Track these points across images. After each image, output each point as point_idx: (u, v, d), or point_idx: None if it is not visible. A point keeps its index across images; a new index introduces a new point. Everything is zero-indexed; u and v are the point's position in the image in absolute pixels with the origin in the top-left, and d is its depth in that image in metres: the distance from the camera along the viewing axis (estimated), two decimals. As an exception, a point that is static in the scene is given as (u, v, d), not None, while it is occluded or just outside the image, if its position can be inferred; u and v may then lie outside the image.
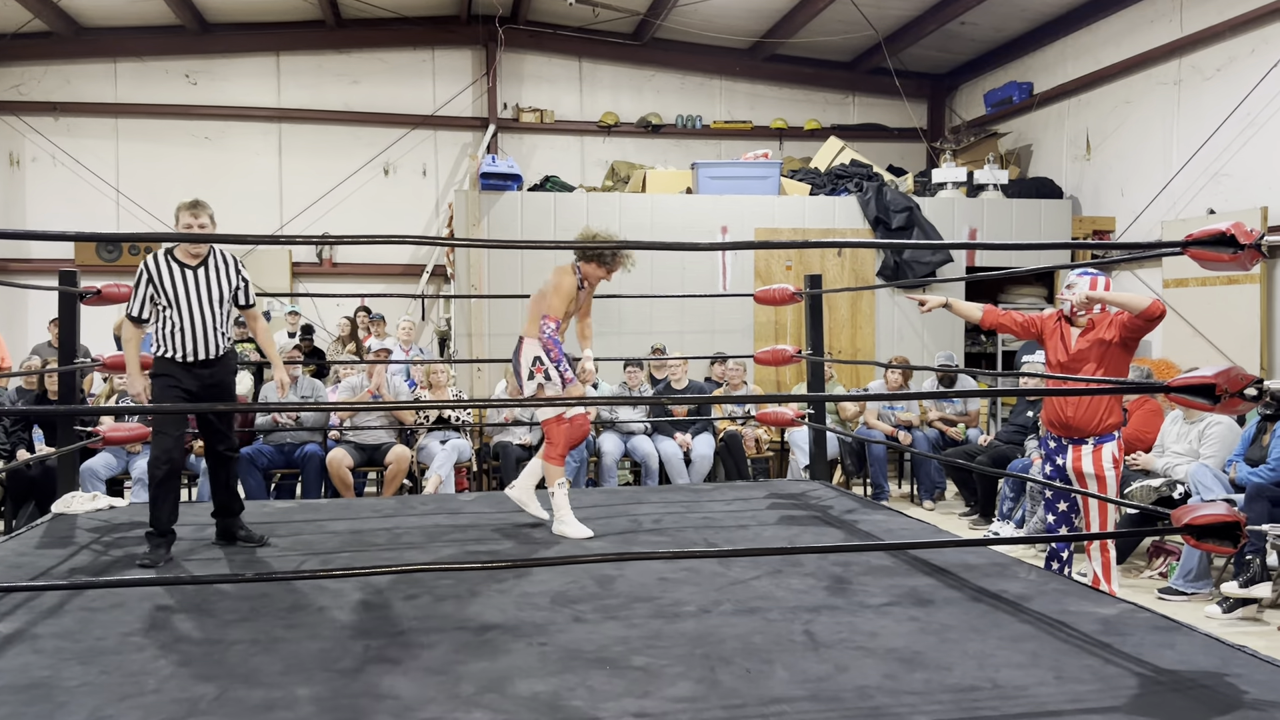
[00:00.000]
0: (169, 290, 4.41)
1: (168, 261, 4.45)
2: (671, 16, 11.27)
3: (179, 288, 4.43)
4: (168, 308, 4.43)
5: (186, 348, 4.44)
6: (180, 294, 4.43)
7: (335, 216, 11.85)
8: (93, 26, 11.21)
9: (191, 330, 4.44)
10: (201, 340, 4.47)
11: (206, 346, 4.48)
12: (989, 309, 5.05)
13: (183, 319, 4.43)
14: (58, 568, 4.26)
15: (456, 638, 3.29)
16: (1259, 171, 8.31)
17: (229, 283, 4.57)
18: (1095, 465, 4.58)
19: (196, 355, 4.47)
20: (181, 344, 4.44)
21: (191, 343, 4.45)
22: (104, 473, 6.85)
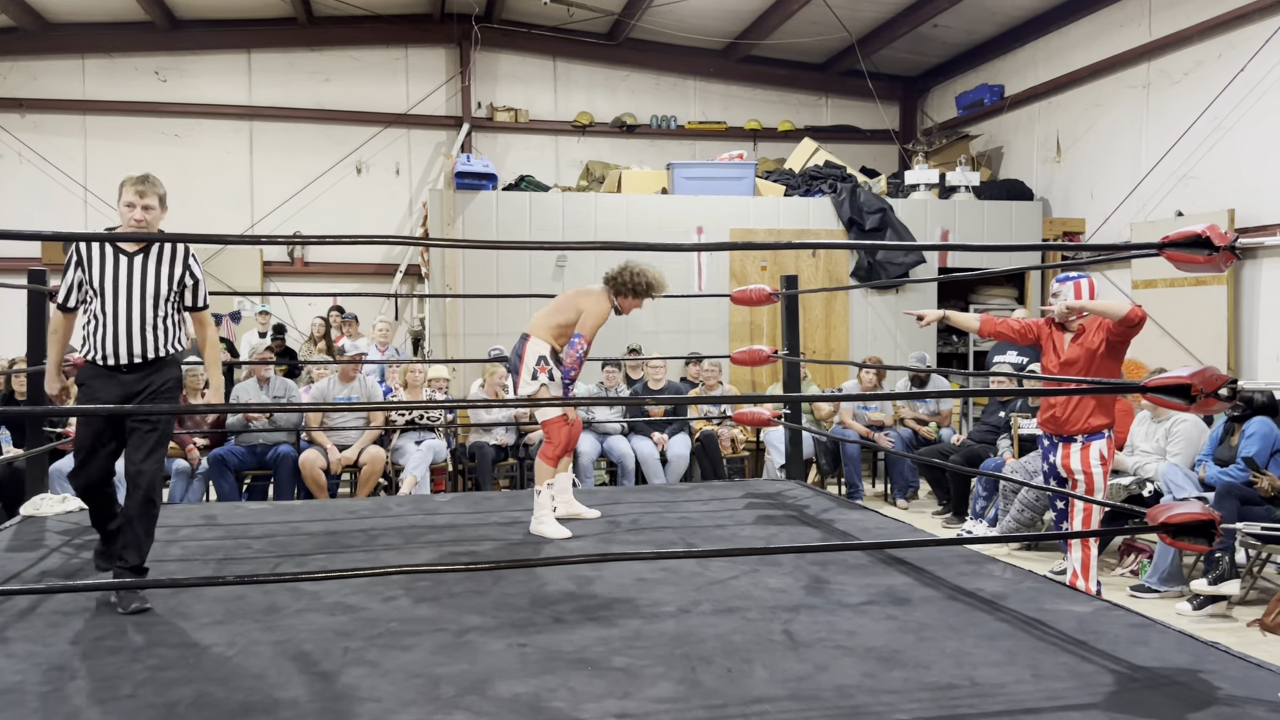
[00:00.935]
0: (97, 277, 3.78)
1: (102, 244, 3.85)
2: (646, 17, 11.28)
3: (108, 275, 3.78)
4: (94, 298, 3.80)
5: (107, 348, 3.78)
6: (109, 283, 3.78)
7: (307, 215, 11.76)
8: (60, 22, 11.06)
9: (114, 327, 3.77)
10: (125, 340, 3.79)
11: (131, 347, 3.80)
12: (986, 318, 5.19)
13: (106, 313, 3.78)
14: (28, 571, 4.19)
15: (435, 639, 3.28)
16: (1226, 174, 8.43)
17: (172, 277, 3.88)
18: (1082, 462, 4.72)
19: (119, 358, 3.80)
20: (102, 343, 3.78)
21: (113, 342, 3.78)
22: (73, 474, 6.74)
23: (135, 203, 3.80)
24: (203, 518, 5.32)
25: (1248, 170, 8.20)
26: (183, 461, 7.19)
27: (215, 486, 7.15)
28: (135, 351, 3.82)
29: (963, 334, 10.76)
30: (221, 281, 11.26)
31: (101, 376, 3.83)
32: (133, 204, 3.79)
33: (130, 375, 3.84)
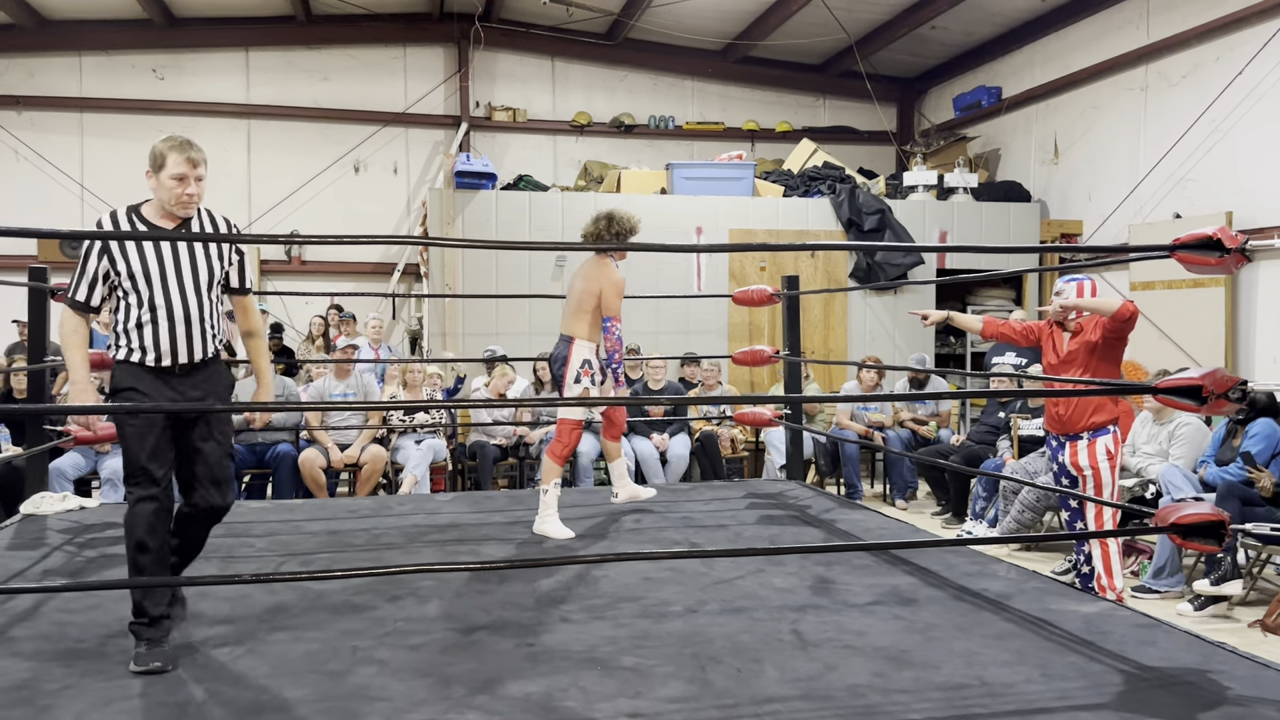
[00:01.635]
0: (135, 264, 3.15)
1: (132, 221, 3.21)
2: (644, 17, 11.28)
3: (150, 262, 3.17)
4: (131, 291, 3.17)
5: (162, 346, 3.18)
6: (153, 270, 3.17)
7: (304, 214, 11.73)
8: (57, 19, 11.02)
9: (168, 321, 3.18)
10: (184, 336, 3.21)
11: (190, 345, 3.22)
12: (989, 320, 5.25)
13: (158, 306, 3.17)
14: (30, 569, 4.18)
15: (444, 639, 3.27)
16: (1223, 177, 8.45)
17: (220, 256, 3.32)
18: (1090, 458, 4.76)
19: (175, 357, 3.21)
20: (155, 341, 3.18)
21: (168, 339, 3.18)
22: (72, 473, 6.73)
23: (188, 174, 3.16)
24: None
25: (1245, 173, 8.23)
26: (182, 460, 7.17)
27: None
28: (194, 349, 3.24)
29: (961, 334, 10.79)
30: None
31: (148, 380, 3.21)
32: (184, 176, 3.15)
33: (183, 379, 3.25)
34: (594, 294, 4.93)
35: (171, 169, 3.14)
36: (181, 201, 3.19)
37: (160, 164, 3.16)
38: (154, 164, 3.17)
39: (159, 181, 3.18)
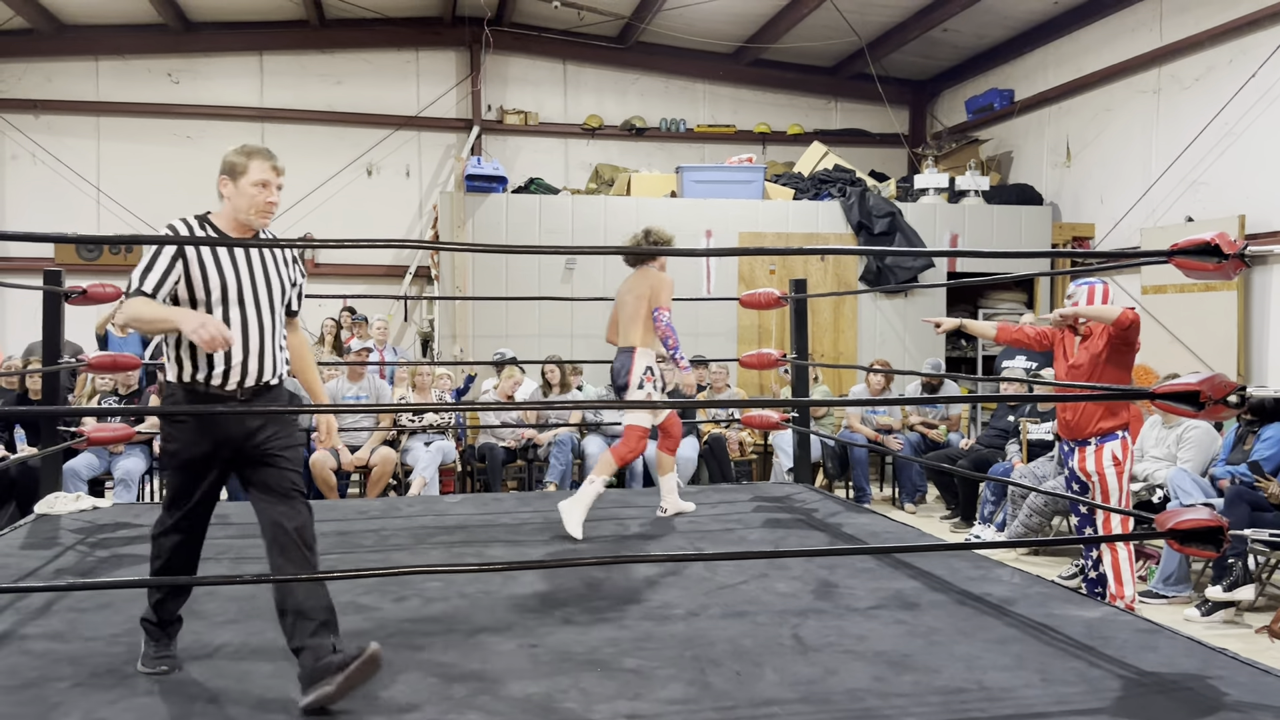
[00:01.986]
0: (211, 276, 2.94)
1: (205, 229, 3.03)
2: (656, 20, 11.31)
3: (225, 273, 2.97)
4: (201, 304, 2.94)
5: (233, 363, 2.96)
6: (229, 282, 2.97)
7: (318, 217, 11.79)
8: (74, 24, 11.13)
9: (243, 340, 2.97)
10: (256, 356, 3.00)
11: (261, 366, 3.01)
12: (1003, 326, 5.35)
13: (231, 323, 2.96)
14: (43, 569, 4.24)
15: (447, 640, 3.31)
16: (1236, 180, 8.42)
17: (288, 271, 3.14)
18: (1096, 464, 4.79)
19: (244, 379, 2.99)
20: (225, 359, 2.95)
21: (241, 358, 2.97)
22: (85, 473, 6.80)
23: (271, 181, 3.02)
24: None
25: (1258, 176, 8.18)
26: (194, 461, 7.23)
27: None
28: (264, 371, 3.03)
29: (971, 339, 10.76)
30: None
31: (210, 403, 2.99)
32: (267, 183, 3.01)
33: (245, 403, 3.02)
34: (647, 300, 5.10)
35: (254, 175, 3.00)
36: (262, 210, 3.02)
37: (241, 170, 3.00)
38: (232, 171, 3.01)
39: (237, 189, 3.01)
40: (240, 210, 3.03)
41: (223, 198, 3.07)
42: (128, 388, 7.31)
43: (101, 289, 5.28)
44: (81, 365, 5.73)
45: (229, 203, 3.05)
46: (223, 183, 3.05)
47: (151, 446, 7.28)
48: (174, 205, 11.30)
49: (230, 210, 3.06)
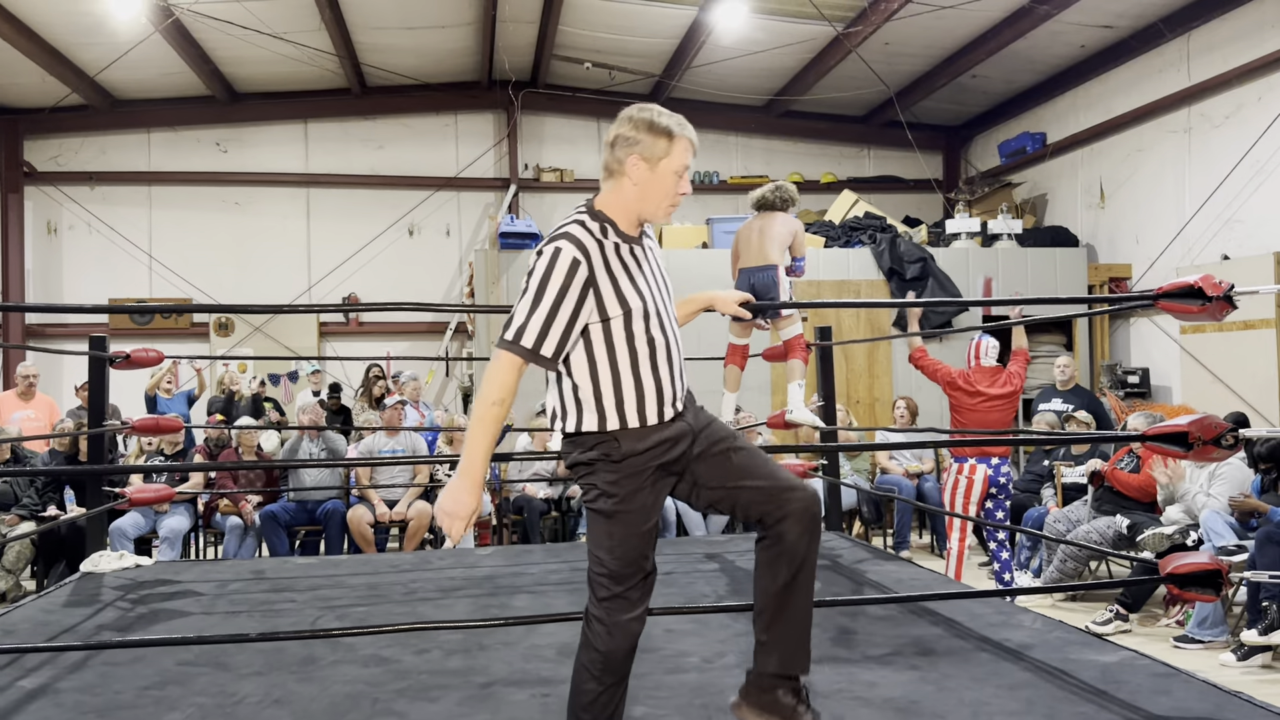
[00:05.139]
0: (627, 288, 2.42)
1: (606, 231, 2.44)
2: (685, 77, 11.54)
3: (639, 282, 2.46)
4: (622, 330, 2.42)
5: (674, 388, 2.50)
6: (644, 291, 2.46)
7: (362, 277, 12.11)
8: (128, 99, 11.64)
9: (667, 356, 2.49)
10: (680, 371, 2.54)
11: (683, 381, 2.56)
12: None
13: (654, 338, 2.46)
14: (83, 625, 4.38)
15: (462, 691, 3.37)
16: (1270, 217, 8.34)
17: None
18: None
19: (677, 402, 2.51)
20: (660, 384, 2.46)
21: (670, 378, 2.48)
22: (132, 532, 7.00)
23: (688, 169, 2.48)
24: (251, 572, 5.50)
25: (1293, 212, 8.12)
26: (236, 519, 7.41)
27: (267, 542, 7.36)
28: (684, 387, 2.57)
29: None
30: (280, 343, 11.62)
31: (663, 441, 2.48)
32: (685, 171, 2.47)
33: (683, 425, 2.54)
34: (791, 232, 5.52)
35: (677, 159, 2.42)
36: (675, 205, 2.49)
37: (662, 153, 2.41)
38: (650, 151, 2.40)
39: (654, 174, 2.42)
40: (649, 201, 2.45)
41: (619, 180, 2.46)
42: (174, 446, 7.53)
43: (145, 354, 5.48)
44: (125, 427, 5.93)
45: (636, 189, 2.44)
46: (632, 163, 2.42)
47: (195, 505, 7.49)
48: (223, 270, 11.74)
49: (635, 199, 2.45)
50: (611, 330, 2.41)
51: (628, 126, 2.43)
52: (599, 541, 2.47)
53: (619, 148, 2.44)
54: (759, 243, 5.50)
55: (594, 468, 2.47)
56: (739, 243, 5.65)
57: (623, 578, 2.46)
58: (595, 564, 2.50)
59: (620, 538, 2.44)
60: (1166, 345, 9.55)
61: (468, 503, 2.40)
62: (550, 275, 2.35)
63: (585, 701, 2.49)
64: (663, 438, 2.46)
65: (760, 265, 5.49)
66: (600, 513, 2.47)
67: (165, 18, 9.31)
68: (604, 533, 2.45)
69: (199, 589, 5.00)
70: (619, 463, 2.43)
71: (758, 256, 5.51)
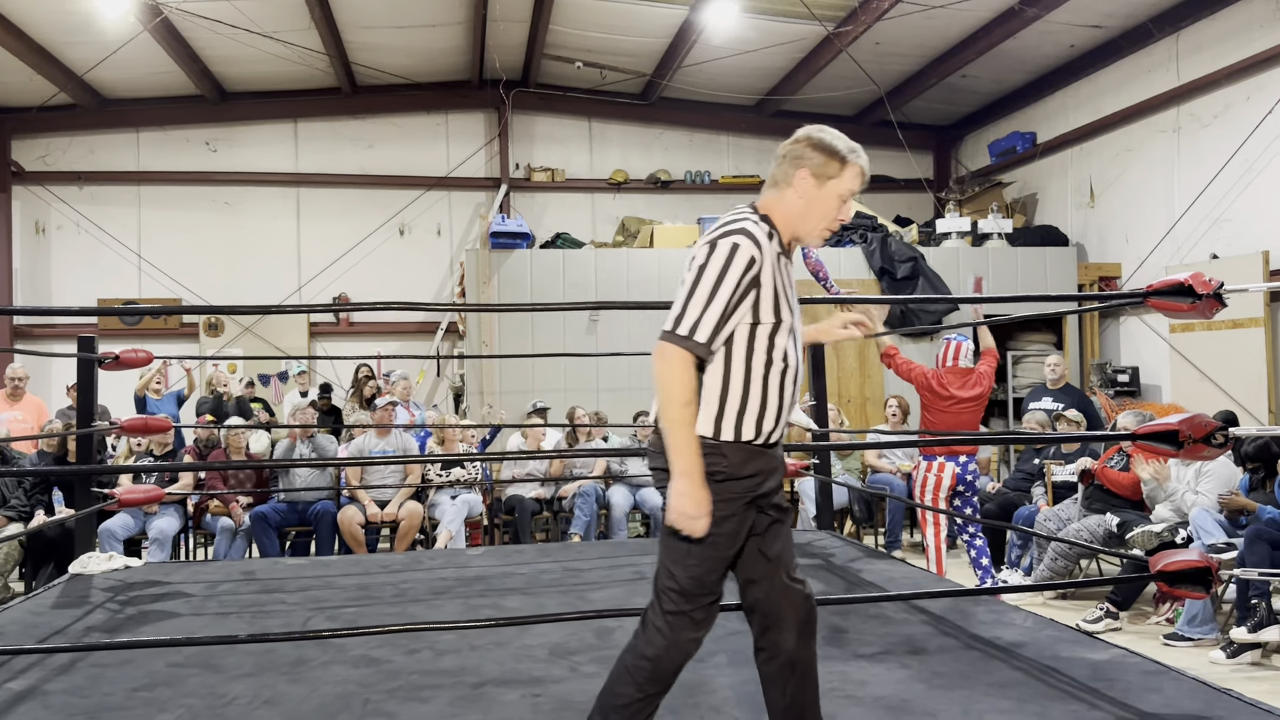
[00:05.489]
0: (784, 292, 2.40)
1: (771, 236, 2.41)
2: (677, 77, 11.53)
3: (791, 296, 2.43)
4: (766, 336, 2.37)
5: (787, 413, 2.46)
6: (795, 309, 2.44)
7: (352, 277, 12.08)
8: (116, 98, 11.58)
9: (795, 379, 2.46)
10: (795, 400, 2.50)
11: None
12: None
13: (788, 356, 2.42)
14: (71, 627, 4.36)
15: (453, 691, 3.36)
16: (1259, 216, 8.38)
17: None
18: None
19: (782, 427, 2.47)
20: (781, 404, 2.42)
21: (790, 401, 2.46)
22: (121, 533, 6.97)
23: (855, 194, 2.49)
24: (242, 573, 5.48)
25: (1281, 211, 8.15)
26: (226, 519, 7.39)
27: (258, 543, 7.33)
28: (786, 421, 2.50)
29: (1002, 379, 10.70)
30: (270, 343, 11.59)
31: (769, 459, 2.45)
32: (851, 194, 2.47)
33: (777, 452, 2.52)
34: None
35: (846, 184, 2.43)
36: (830, 230, 2.49)
37: (833, 173, 2.41)
38: (823, 170, 2.41)
39: (821, 193, 2.42)
40: (810, 218, 2.45)
41: (784, 192, 2.46)
42: (163, 447, 7.50)
43: (134, 354, 5.45)
44: (114, 428, 5.90)
45: (801, 204, 2.44)
46: (801, 177, 2.43)
47: (185, 506, 7.46)
48: (212, 270, 11.70)
49: (797, 214, 2.45)
50: (757, 336, 2.37)
51: (803, 143, 2.45)
52: (677, 558, 2.40)
53: (790, 160, 2.45)
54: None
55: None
56: None
57: (693, 597, 2.42)
58: (666, 577, 2.44)
59: (699, 559, 2.39)
60: (1156, 344, 9.58)
61: (704, 498, 2.32)
62: (728, 270, 2.31)
63: (619, 704, 2.46)
64: (761, 467, 2.42)
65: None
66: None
67: (154, 16, 9.27)
68: (684, 550, 2.39)
69: (189, 590, 4.98)
70: (720, 484, 2.36)
71: None
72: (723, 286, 2.30)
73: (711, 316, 2.30)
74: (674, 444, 2.32)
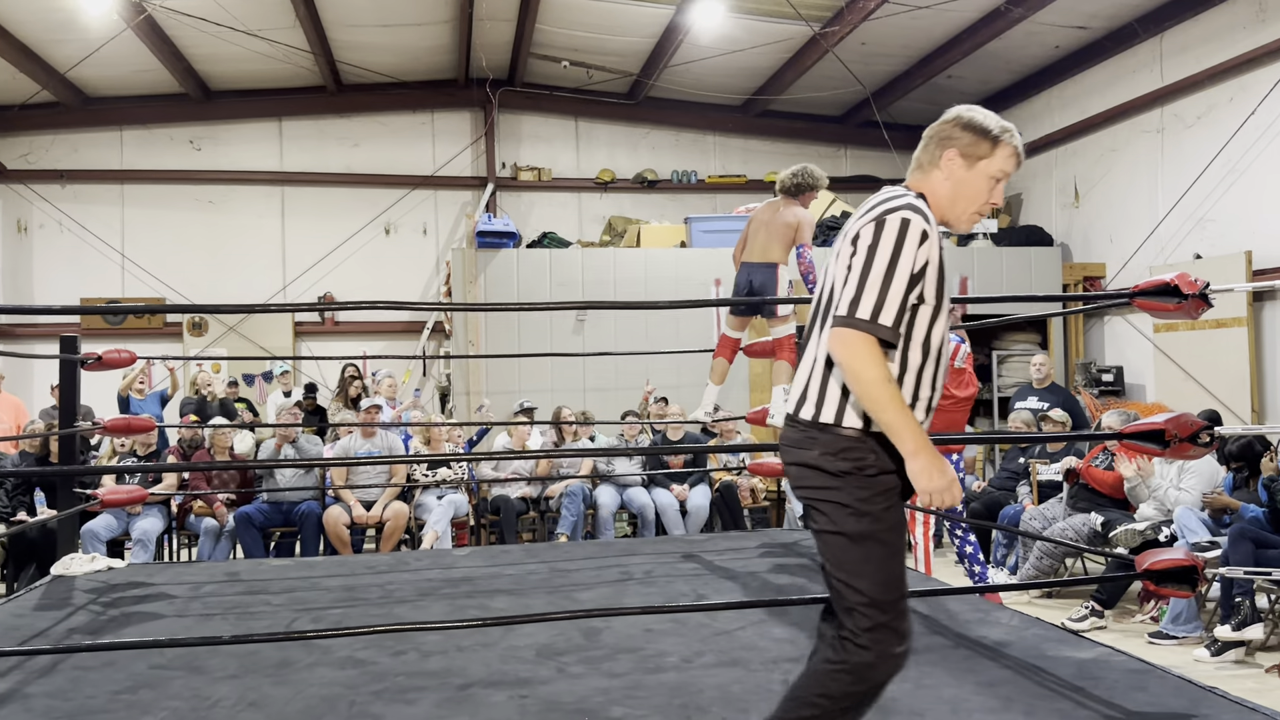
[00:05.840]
0: (946, 278, 2.31)
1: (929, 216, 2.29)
2: (664, 76, 11.53)
3: (947, 276, 2.34)
4: (925, 321, 2.28)
5: (932, 401, 2.36)
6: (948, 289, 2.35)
7: (337, 276, 12.03)
8: (100, 96, 11.50)
9: (938, 366, 2.36)
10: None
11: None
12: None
13: (940, 342, 2.33)
14: (54, 629, 4.32)
15: (439, 693, 3.35)
16: (1242, 217, 8.43)
17: None
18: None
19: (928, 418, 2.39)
20: (932, 395, 2.36)
21: (936, 391, 2.38)
22: (104, 534, 6.92)
23: (1009, 175, 2.37)
24: (226, 574, 5.44)
25: (1264, 212, 8.20)
26: (210, 520, 7.34)
27: (242, 544, 7.29)
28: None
29: (988, 379, 10.74)
30: (255, 343, 11.53)
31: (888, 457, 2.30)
32: (1006, 176, 2.36)
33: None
34: (793, 226, 5.53)
35: (999, 163, 2.32)
36: (981, 214, 2.37)
37: (984, 152, 2.31)
38: (973, 148, 2.31)
39: (971, 173, 2.32)
40: (960, 202, 2.34)
41: (930, 174, 2.37)
42: (147, 448, 7.45)
43: (117, 355, 5.41)
44: (97, 428, 5.86)
45: (949, 186, 2.35)
46: (949, 158, 2.34)
47: (169, 506, 7.41)
48: (197, 269, 11.63)
49: (945, 197, 2.35)
50: (917, 319, 2.24)
51: (951, 123, 2.35)
52: (855, 569, 2.23)
53: (937, 141, 2.34)
54: (764, 238, 5.59)
55: (841, 482, 2.24)
56: (748, 230, 5.73)
57: (888, 605, 2.23)
58: (852, 594, 2.24)
59: (880, 561, 2.23)
60: (1140, 344, 9.63)
61: (947, 469, 2.19)
62: (903, 246, 2.16)
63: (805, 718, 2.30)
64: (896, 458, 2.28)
65: (762, 263, 5.58)
66: (850, 535, 2.23)
67: (137, 14, 9.21)
68: (859, 558, 2.22)
69: (172, 591, 4.95)
70: (873, 478, 2.23)
71: (761, 253, 5.59)
72: (900, 264, 2.17)
73: (895, 297, 2.16)
74: (890, 425, 2.16)
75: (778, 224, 5.58)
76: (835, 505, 2.24)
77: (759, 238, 5.63)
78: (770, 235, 5.58)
